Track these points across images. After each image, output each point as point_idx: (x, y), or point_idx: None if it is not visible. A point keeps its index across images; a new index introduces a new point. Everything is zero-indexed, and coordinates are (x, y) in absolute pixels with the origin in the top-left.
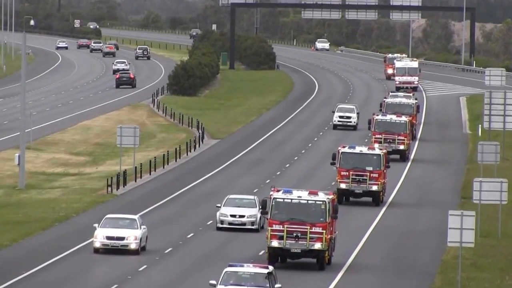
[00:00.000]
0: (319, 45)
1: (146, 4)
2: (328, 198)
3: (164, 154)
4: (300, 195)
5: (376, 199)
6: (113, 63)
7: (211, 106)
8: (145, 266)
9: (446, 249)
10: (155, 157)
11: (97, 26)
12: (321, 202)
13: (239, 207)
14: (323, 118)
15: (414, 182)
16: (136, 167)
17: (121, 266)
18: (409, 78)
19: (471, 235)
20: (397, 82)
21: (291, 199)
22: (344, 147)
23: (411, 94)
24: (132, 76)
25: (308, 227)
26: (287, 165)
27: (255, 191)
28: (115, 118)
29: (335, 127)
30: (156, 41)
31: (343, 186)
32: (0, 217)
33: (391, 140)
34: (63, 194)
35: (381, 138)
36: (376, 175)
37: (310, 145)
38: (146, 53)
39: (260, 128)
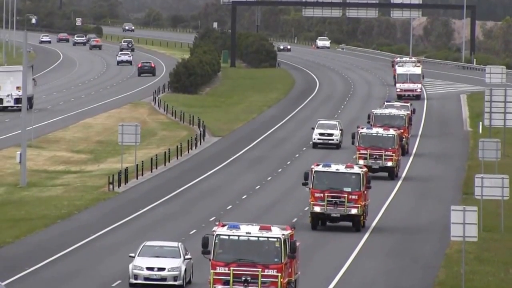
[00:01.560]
0: (320, 43)
1: (147, 2)
2: (284, 234)
3: (165, 152)
4: (249, 230)
5: (356, 224)
6: (117, 55)
7: (212, 104)
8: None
9: (450, 244)
10: (156, 155)
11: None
12: (275, 239)
13: (158, 257)
14: (324, 116)
15: (416, 179)
16: (137, 165)
17: (122, 263)
18: (411, 86)
19: (474, 230)
20: (398, 90)
21: (238, 235)
22: (318, 165)
23: (408, 104)
24: (153, 65)
25: (260, 269)
26: (288, 163)
27: (256, 188)
28: (116, 116)
29: (315, 145)
30: (157, 39)
31: (317, 209)
32: (2, 214)
33: (377, 156)
34: (64, 192)
35: (366, 154)
36: (355, 197)
37: (311, 142)
38: (130, 46)
39: (261, 125)
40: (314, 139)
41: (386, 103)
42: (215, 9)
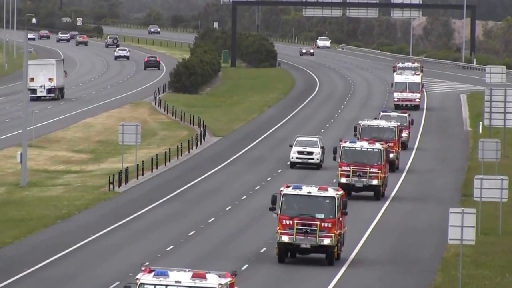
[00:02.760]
0: (320, 43)
1: (148, 2)
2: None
3: (165, 152)
4: (180, 279)
5: (329, 256)
6: (115, 51)
7: (213, 103)
8: (147, 264)
9: (447, 247)
10: (156, 155)
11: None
12: None
13: None
14: (324, 115)
15: (415, 179)
16: (138, 165)
17: (123, 264)
18: (409, 95)
19: (471, 233)
20: (396, 99)
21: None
22: (287, 187)
23: (406, 114)
24: (158, 59)
25: None
26: (288, 163)
27: (256, 188)
28: (117, 115)
29: (293, 165)
30: (157, 39)
31: (285, 239)
32: (2, 214)
33: (361, 174)
34: (65, 192)
35: (348, 171)
36: (329, 225)
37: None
38: (115, 42)
39: (261, 125)
40: (292, 158)
41: (382, 113)
42: (216, 9)
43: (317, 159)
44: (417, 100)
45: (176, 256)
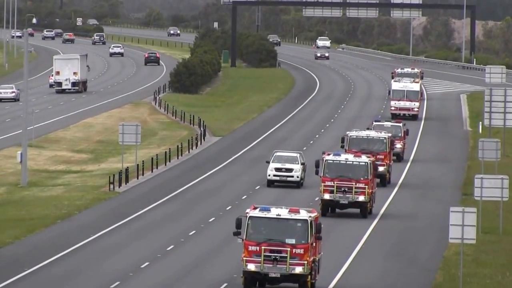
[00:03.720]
0: (320, 43)
1: (148, 2)
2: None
3: (166, 152)
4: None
5: (302, 286)
6: (109, 48)
7: (213, 103)
8: (147, 263)
9: (448, 245)
10: (157, 155)
11: (97, 23)
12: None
13: None
14: (324, 115)
15: (415, 179)
16: (138, 165)
17: (122, 263)
18: (407, 104)
19: (472, 232)
20: (393, 108)
21: None
22: (255, 208)
23: (400, 124)
24: (158, 55)
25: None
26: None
27: (256, 188)
28: (117, 115)
29: (270, 183)
30: (157, 39)
31: (251, 267)
32: (2, 214)
33: (346, 189)
34: (65, 192)
35: (332, 187)
36: (301, 251)
37: (311, 142)
38: (102, 39)
39: (261, 125)
40: (269, 175)
41: (375, 123)
42: (216, 9)
43: (297, 177)
44: (416, 109)
45: (176, 256)
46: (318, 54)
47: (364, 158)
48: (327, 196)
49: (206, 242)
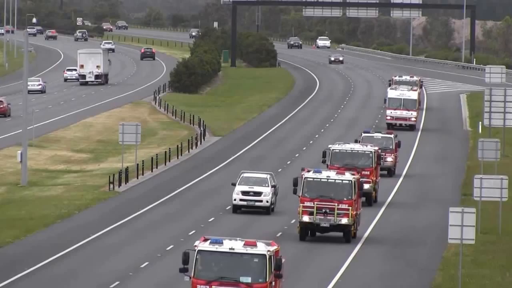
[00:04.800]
0: (320, 42)
1: (148, 1)
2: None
3: (165, 151)
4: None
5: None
6: (101, 44)
7: (213, 103)
8: (147, 263)
9: (447, 246)
10: (157, 154)
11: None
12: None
13: None
14: (324, 115)
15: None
16: (138, 164)
17: (122, 263)
18: (404, 113)
19: (471, 232)
20: (388, 117)
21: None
22: (205, 240)
23: (391, 136)
24: (153, 51)
25: None
26: (288, 162)
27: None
28: (117, 115)
29: (236, 209)
30: (157, 39)
31: (306, 219)
32: (2, 214)
33: (327, 211)
34: (65, 191)
35: (312, 208)
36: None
37: (311, 142)
38: (84, 36)
39: (261, 125)
40: (235, 200)
41: (364, 134)
42: (216, 8)
43: (267, 202)
44: (413, 119)
45: (176, 256)
46: (332, 58)
47: (347, 176)
48: (306, 218)
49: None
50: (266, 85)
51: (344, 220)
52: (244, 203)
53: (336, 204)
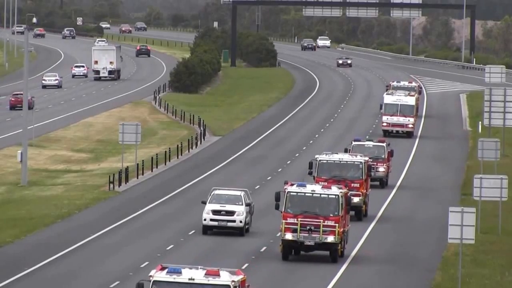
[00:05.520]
0: (320, 42)
1: (148, 1)
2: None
3: (165, 151)
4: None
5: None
6: (95, 42)
7: (213, 103)
8: (147, 263)
9: (447, 246)
10: (157, 154)
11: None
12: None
13: None
14: (324, 115)
15: (415, 178)
16: (138, 164)
17: (122, 263)
18: (401, 119)
19: (471, 232)
20: (385, 124)
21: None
22: (162, 269)
23: (384, 144)
24: (148, 48)
25: None
26: (288, 162)
27: (256, 187)
28: (117, 115)
29: (207, 230)
30: (157, 39)
31: (289, 236)
32: (2, 214)
33: (313, 228)
34: (65, 191)
35: (296, 224)
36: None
37: (311, 142)
38: (72, 33)
39: (261, 125)
40: (205, 219)
41: (354, 143)
42: (216, 8)
43: (240, 222)
44: (410, 125)
45: (176, 255)
46: (340, 62)
47: (334, 190)
48: (289, 236)
49: (206, 241)
50: (266, 85)
51: (330, 238)
52: (215, 223)
53: (322, 220)
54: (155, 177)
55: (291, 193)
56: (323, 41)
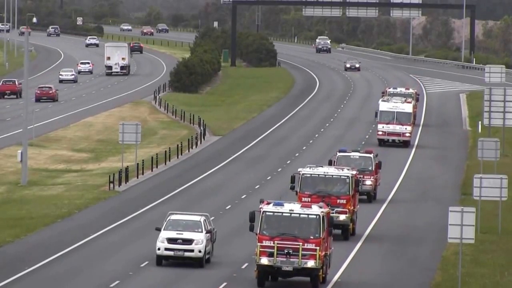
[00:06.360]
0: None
1: (148, 1)
2: None
3: (165, 151)
4: None
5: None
6: (86, 39)
7: (213, 103)
8: (146, 262)
9: (446, 245)
10: (157, 154)
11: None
12: None
13: None
14: (324, 114)
15: (415, 178)
16: (138, 164)
17: (122, 262)
18: (397, 128)
19: (471, 231)
20: (380, 133)
21: None
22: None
23: (371, 155)
24: (141, 45)
25: None
26: (288, 162)
27: (256, 187)
28: (117, 114)
29: (161, 260)
30: (158, 39)
31: (265, 261)
32: (2, 213)
33: (291, 251)
34: (65, 191)
35: (272, 248)
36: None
37: (311, 141)
38: (56, 31)
39: (261, 124)
40: (159, 249)
41: (339, 154)
42: (216, 8)
43: (199, 251)
44: (407, 134)
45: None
46: (348, 65)
47: (315, 209)
48: (264, 261)
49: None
50: (266, 84)
51: (311, 263)
52: (171, 253)
53: (301, 243)
54: (155, 177)
55: (267, 213)
56: (323, 41)
